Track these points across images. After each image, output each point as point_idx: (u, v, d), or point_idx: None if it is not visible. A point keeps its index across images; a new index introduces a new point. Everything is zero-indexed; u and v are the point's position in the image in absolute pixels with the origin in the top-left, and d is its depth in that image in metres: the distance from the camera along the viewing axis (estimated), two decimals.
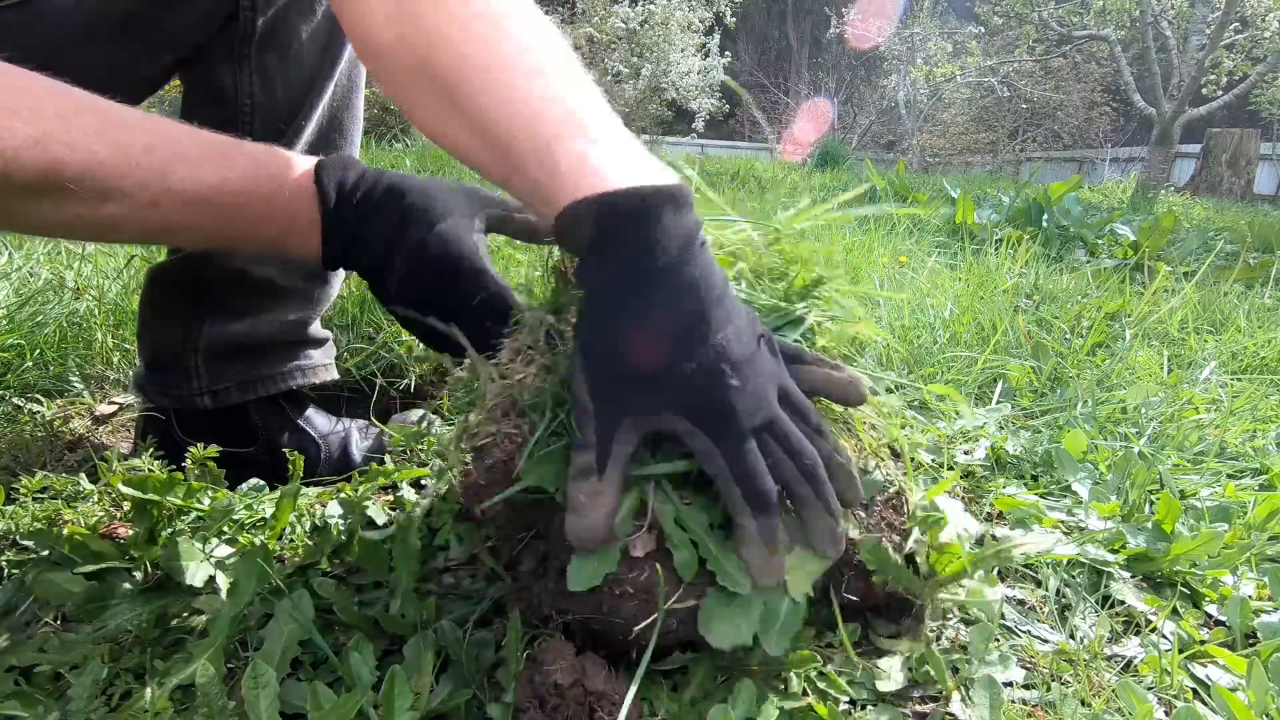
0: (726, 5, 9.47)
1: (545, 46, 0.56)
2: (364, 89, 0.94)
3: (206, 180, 0.56)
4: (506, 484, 0.53)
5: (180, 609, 0.61)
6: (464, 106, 0.55)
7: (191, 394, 0.87)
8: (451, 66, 0.56)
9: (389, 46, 0.59)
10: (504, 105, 0.54)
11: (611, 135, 0.53)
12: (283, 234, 0.63)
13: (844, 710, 0.55)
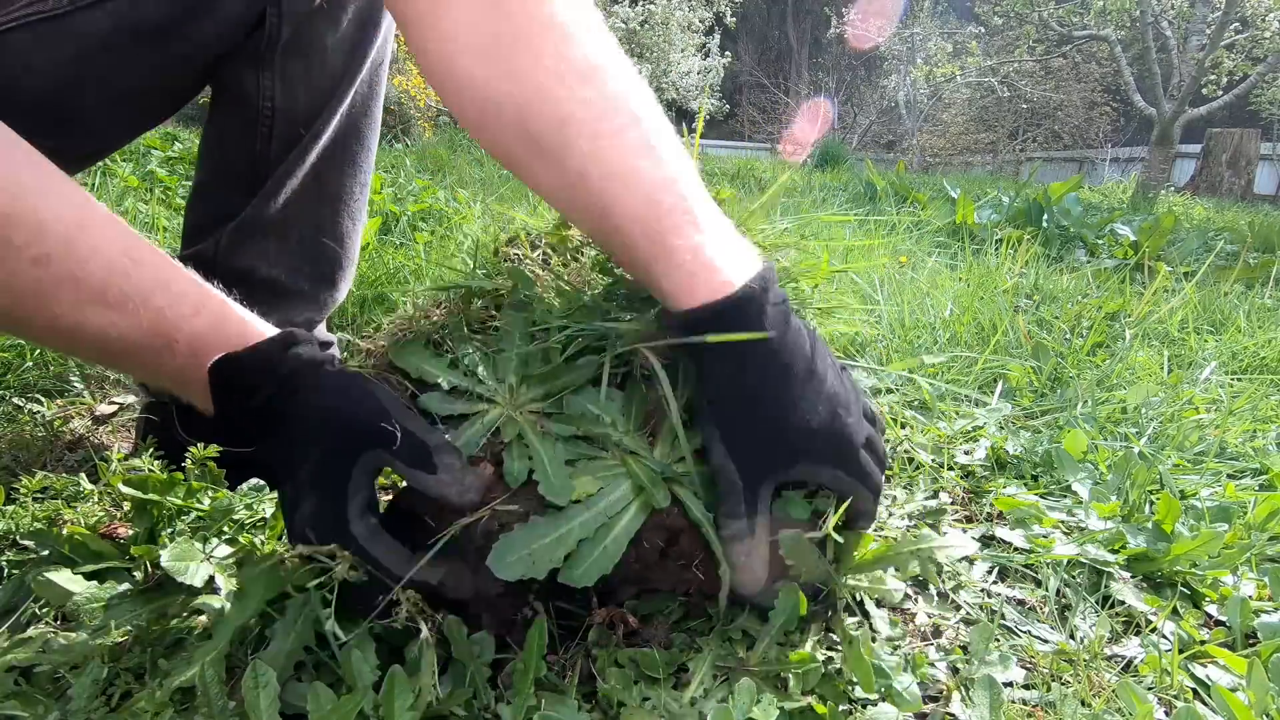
0: (726, 5, 9.47)
1: (648, 114, 0.56)
2: (383, 98, 0.94)
3: (89, 317, 0.50)
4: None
5: (180, 609, 0.61)
6: (566, 168, 0.55)
7: None
8: (552, 127, 0.54)
9: (476, 84, 0.56)
10: (613, 179, 0.54)
11: (714, 222, 0.57)
12: (175, 388, 0.57)
13: (844, 710, 0.55)
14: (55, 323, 0.50)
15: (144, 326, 0.52)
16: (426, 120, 6.26)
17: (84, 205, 0.50)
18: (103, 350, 0.53)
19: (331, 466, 0.54)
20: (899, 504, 0.84)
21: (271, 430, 0.56)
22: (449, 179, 3.45)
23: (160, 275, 0.53)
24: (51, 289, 0.48)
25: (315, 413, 0.55)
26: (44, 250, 0.47)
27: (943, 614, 0.68)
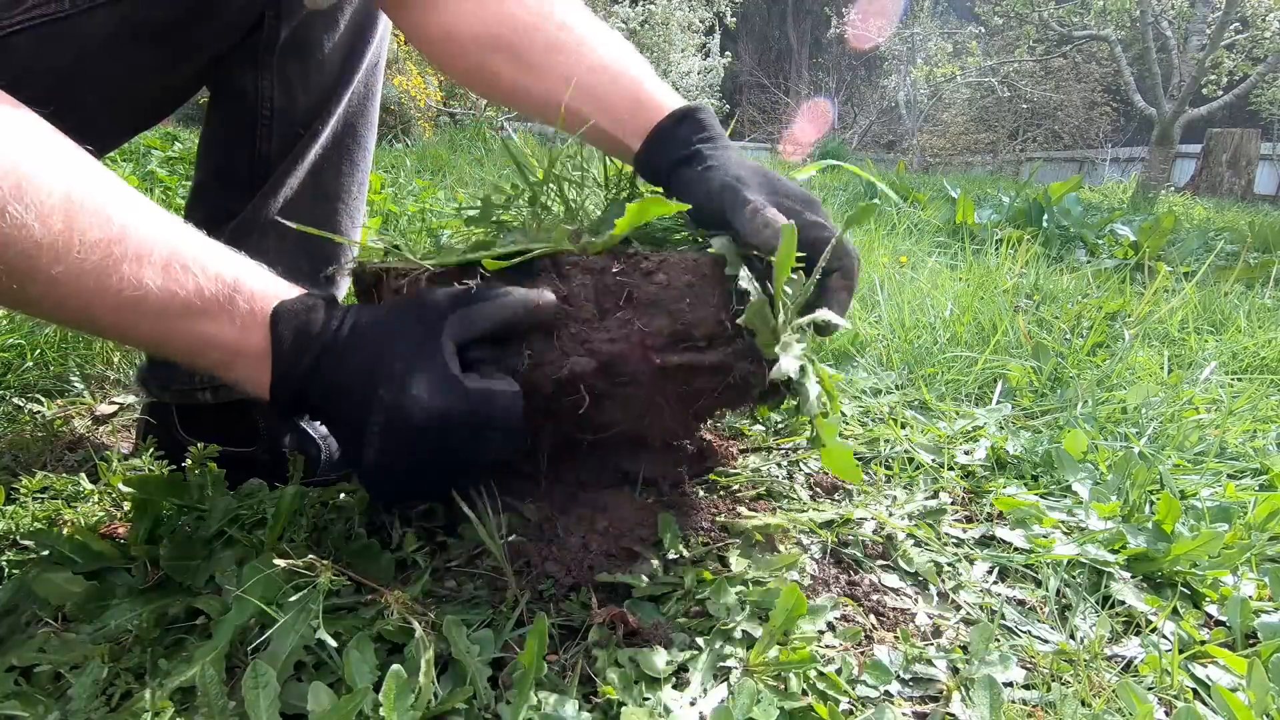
0: (726, 5, 9.47)
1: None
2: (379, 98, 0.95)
3: (147, 290, 0.51)
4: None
5: (180, 609, 0.61)
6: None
7: (193, 388, 0.87)
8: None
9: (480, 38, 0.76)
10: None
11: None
12: (225, 364, 0.57)
13: (844, 710, 0.55)
14: (119, 297, 0.51)
15: (205, 293, 0.54)
16: (426, 120, 6.26)
17: (130, 197, 0.53)
18: (150, 322, 0.53)
19: (425, 342, 0.56)
20: (899, 504, 0.84)
21: (338, 367, 0.57)
22: (449, 179, 3.45)
23: (211, 245, 0.56)
24: (115, 265, 0.50)
25: (387, 315, 0.59)
26: (105, 234, 0.50)
27: (943, 614, 0.68)
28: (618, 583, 0.65)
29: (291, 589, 0.59)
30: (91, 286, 0.50)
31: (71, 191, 0.49)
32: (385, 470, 0.56)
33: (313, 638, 0.55)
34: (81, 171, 0.50)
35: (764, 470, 0.88)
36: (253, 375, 0.58)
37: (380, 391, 0.54)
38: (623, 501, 0.76)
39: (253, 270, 0.58)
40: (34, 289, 0.49)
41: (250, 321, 0.56)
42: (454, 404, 0.54)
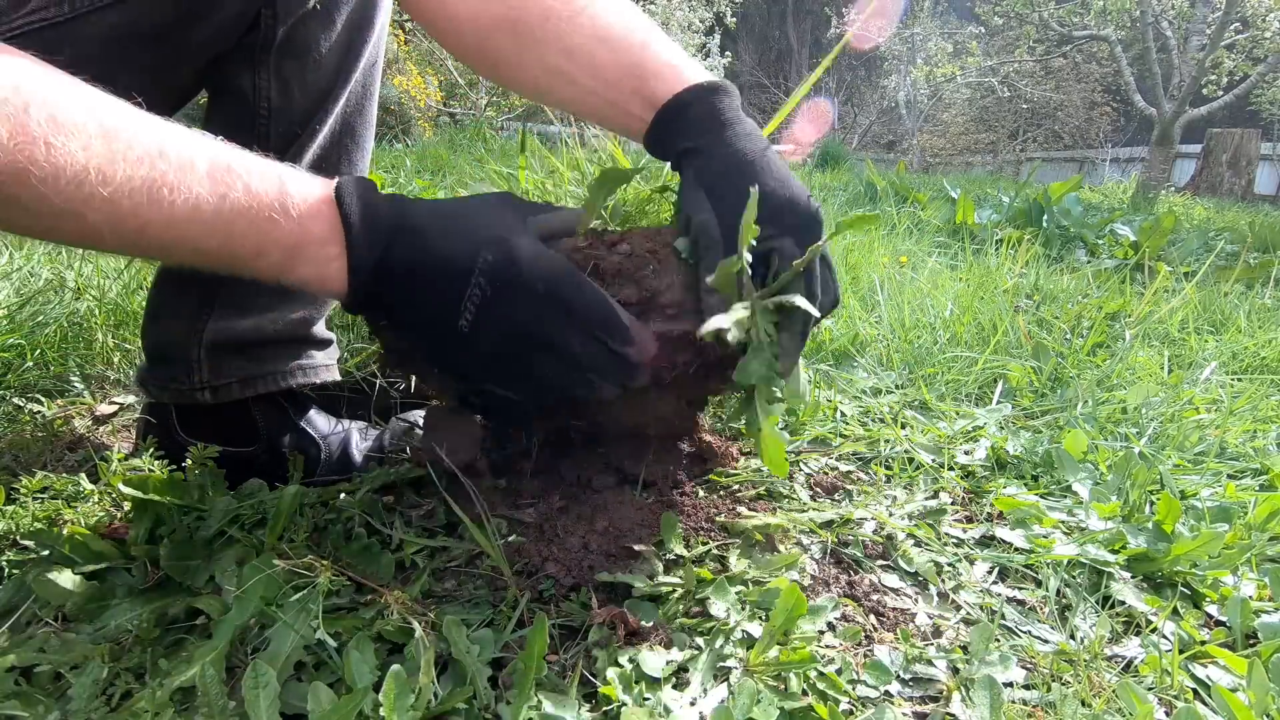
0: (726, 5, 9.47)
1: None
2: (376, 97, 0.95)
3: (199, 197, 0.53)
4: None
5: (180, 609, 0.61)
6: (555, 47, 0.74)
7: (193, 388, 0.87)
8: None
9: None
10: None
11: (679, 51, 0.75)
12: (287, 263, 0.58)
13: (844, 710, 0.55)
14: (172, 216, 0.52)
15: (255, 190, 0.54)
16: (426, 120, 6.26)
17: (163, 123, 0.54)
18: (208, 230, 0.54)
19: (519, 222, 0.60)
20: (899, 504, 0.84)
21: (425, 234, 0.58)
22: (449, 179, 3.45)
23: (248, 152, 0.56)
24: (161, 181, 0.51)
25: (466, 200, 0.62)
26: (146, 152, 0.51)
27: (943, 614, 0.68)
28: (618, 583, 0.65)
29: (291, 589, 0.59)
30: (144, 202, 0.51)
31: (103, 117, 0.50)
32: (477, 345, 0.58)
33: (313, 638, 0.55)
34: (102, 99, 0.51)
35: (764, 470, 0.88)
36: (318, 269, 0.58)
37: (483, 254, 0.57)
38: (623, 501, 0.76)
39: (294, 170, 0.58)
40: (91, 215, 0.50)
41: (308, 211, 0.56)
42: (559, 267, 0.59)
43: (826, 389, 1.17)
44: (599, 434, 0.77)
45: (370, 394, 1.19)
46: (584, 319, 0.60)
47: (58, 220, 0.50)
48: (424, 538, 0.72)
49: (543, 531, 0.71)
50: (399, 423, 1.02)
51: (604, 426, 0.76)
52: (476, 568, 0.68)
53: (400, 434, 0.97)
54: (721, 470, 0.86)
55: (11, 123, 0.46)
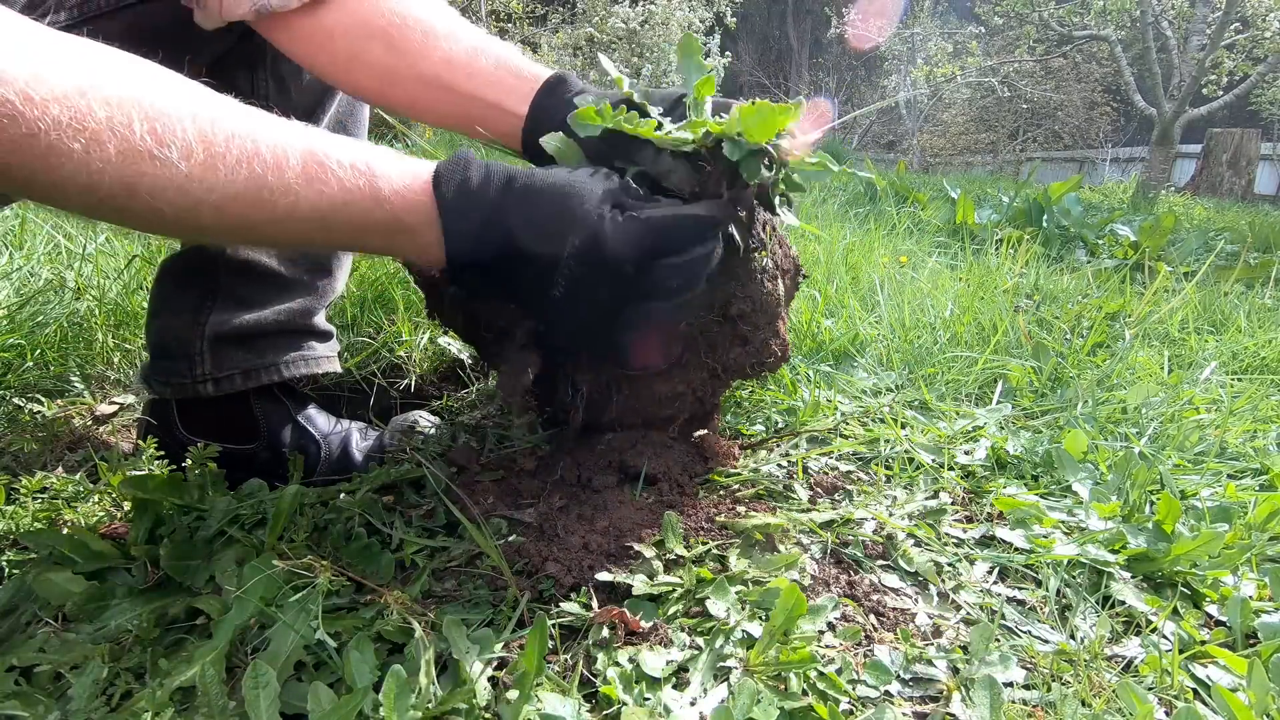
0: (727, 5, 9.47)
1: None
2: None
3: (297, 194, 0.56)
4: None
5: (180, 609, 0.61)
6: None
7: (195, 381, 0.88)
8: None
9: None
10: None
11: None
12: (387, 246, 0.64)
13: (844, 710, 0.55)
14: (274, 213, 0.55)
15: (348, 187, 0.58)
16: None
17: (250, 110, 0.56)
18: (322, 222, 0.58)
19: (600, 200, 0.63)
20: (899, 504, 0.84)
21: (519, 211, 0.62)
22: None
23: (342, 145, 0.59)
24: (260, 182, 0.54)
25: (554, 173, 0.64)
26: (243, 153, 0.53)
27: (943, 614, 0.68)
28: (618, 583, 0.65)
29: (291, 589, 0.59)
30: (248, 204, 0.54)
31: (198, 119, 0.52)
32: (570, 307, 0.64)
33: (313, 638, 0.55)
34: (193, 97, 0.53)
35: (764, 470, 0.88)
36: (416, 250, 0.64)
37: (571, 239, 0.61)
38: (623, 501, 0.76)
39: (380, 152, 0.62)
40: (198, 218, 0.53)
41: (401, 205, 0.60)
42: (641, 239, 0.63)
43: (826, 389, 1.17)
44: (639, 404, 0.82)
45: (370, 393, 1.19)
46: (670, 266, 0.65)
47: (168, 223, 0.53)
48: (424, 538, 0.72)
49: (543, 531, 0.71)
50: (399, 423, 1.02)
51: (645, 395, 0.81)
52: (476, 568, 0.68)
53: (400, 434, 0.97)
54: (721, 470, 0.86)
55: (118, 138, 0.48)
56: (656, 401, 0.82)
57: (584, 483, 0.80)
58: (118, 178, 0.48)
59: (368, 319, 1.34)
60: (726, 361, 0.82)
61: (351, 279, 1.39)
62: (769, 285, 0.82)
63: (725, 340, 0.81)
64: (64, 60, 0.47)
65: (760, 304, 0.82)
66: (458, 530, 0.73)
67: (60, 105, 0.45)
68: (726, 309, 0.80)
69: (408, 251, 0.65)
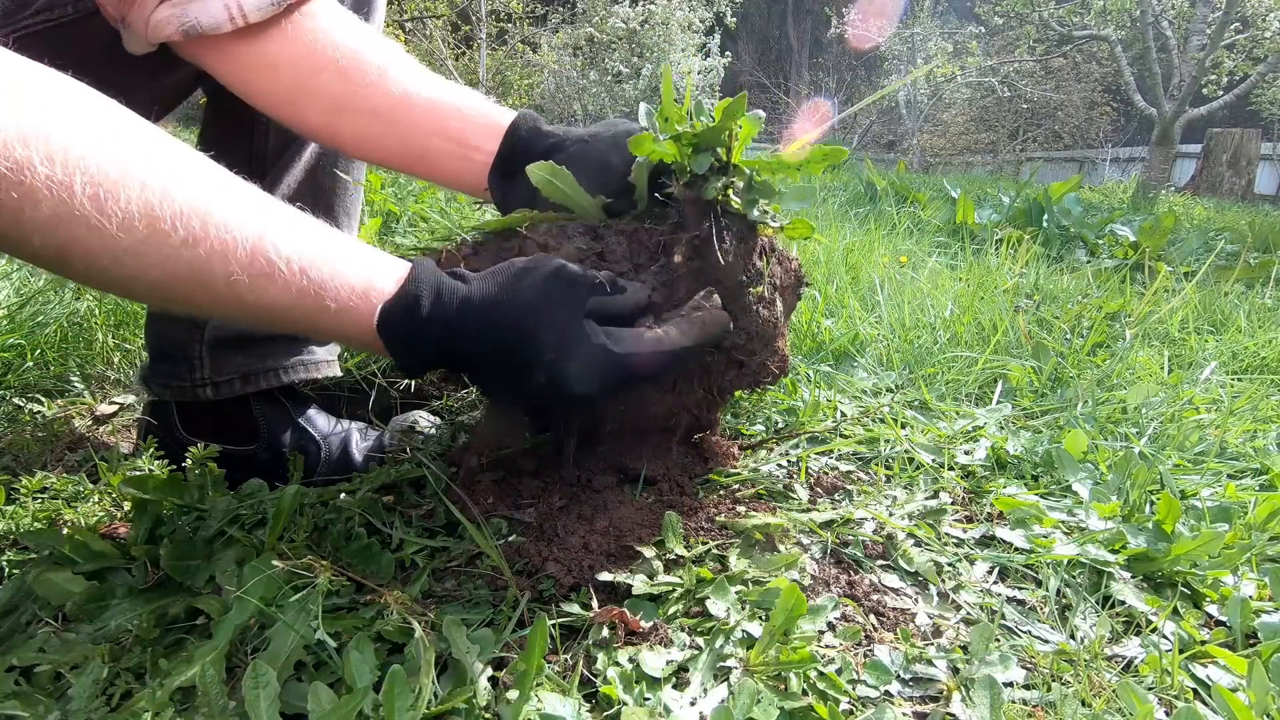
0: (727, 5, 9.46)
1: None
2: None
3: (239, 287, 0.53)
4: None
5: (180, 609, 0.61)
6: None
7: (194, 384, 0.88)
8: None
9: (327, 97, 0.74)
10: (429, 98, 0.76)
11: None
12: (338, 343, 0.63)
13: (844, 710, 0.55)
14: (215, 298, 0.53)
15: (293, 291, 0.54)
16: None
17: (210, 180, 0.53)
18: (263, 317, 0.56)
19: (571, 324, 0.60)
20: (899, 504, 0.84)
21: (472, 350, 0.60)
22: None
23: (297, 238, 0.55)
24: (204, 268, 0.51)
25: (514, 293, 0.60)
26: (189, 234, 0.50)
27: (943, 614, 0.68)
28: (618, 583, 0.65)
29: (291, 589, 0.59)
30: (190, 286, 0.51)
31: (147, 188, 0.48)
32: (544, 395, 0.62)
33: (313, 638, 0.55)
34: (151, 160, 0.49)
35: (764, 470, 0.88)
36: (370, 349, 0.62)
37: (546, 354, 0.59)
38: (623, 501, 0.76)
39: (336, 248, 0.58)
40: (138, 289, 0.51)
41: (346, 318, 0.57)
42: (613, 365, 0.61)
43: (826, 389, 1.17)
44: (635, 421, 0.82)
45: (370, 394, 1.19)
46: (641, 384, 0.67)
47: (107, 287, 0.52)
48: (424, 538, 0.72)
49: (543, 531, 0.71)
50: (399, 423, 1.02)
51: (640, 414, 0.80)
52: (476, 568, 0.68)
53: (400, 434, 0.97)
54: (721, 470, 0.86)
55: (54, 199, 0.44)
56: (652, 419, 0.81)
57: (584, 483, 0.80)
58: (51, 239, 0.45)
59: None
60: (722, 384, 0.81)
61: None
62: (765, 312, 0.80)
63: (720, 367, 0.79)
64: (13, 99, 0.44)
65: (756, 333, 0.79)
66: (458, 530, 0.73)
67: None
68: (720, 342, 0.77)
69: (359, 347, 0.64)
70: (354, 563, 0.67)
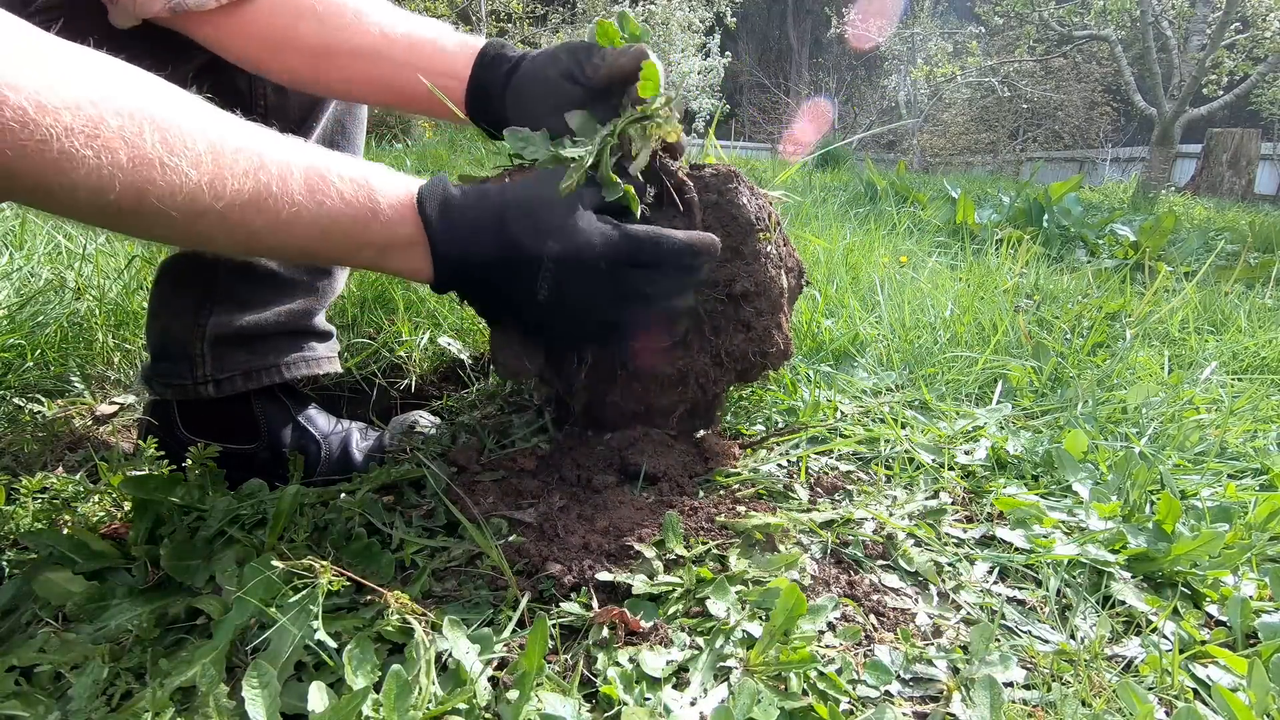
0: (727, 5, 9.47)
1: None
2: None
3: (300, 205, 0.58)
4: None
5: (180, 609, 0.61)
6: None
7: (196, 382, 0.88)
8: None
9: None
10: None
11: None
12: (380, 254, 0.65)
13: (845, 710, 0.55)
14: (277, 222, 0.57)
15: (348, 199, 0.60)
16: (427, 121, 6.26)
17: (255, 127, 0.58)
18: (317, 236, 0.60)
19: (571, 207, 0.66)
20: (899, 504, 0.84)
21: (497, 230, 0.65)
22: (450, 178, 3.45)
23: (343, 162, 0.62)
24: (266, 192, 0.56)
25: (526, 189, 0.67)
26: (250, 165, 0.55)
27: (943, 614, 0.68)
28: (618, 583, 0.65)
29: (291, 589, 0.59)
30: (252, 213, 0.56)
31: (208, 132, 0.53)
32: (554, 308, 0.67)
33: (313, 638, 0.55)
34: (203, 112, 0.55)
35: (764, 470, 0.88)
36: (408, 264, 0.66)
37: (550, 243, 0.64)
38: (623, 501, 0.76)
39: (377, 169, 0.65)
40: (204, 225, 0.55)
41: (392, 216, 0.63)
42: (615, 243, 0.66)
43: (827, 389, 1.17)
44: (640, 382, 0.83)
45: (370, 393, 1.19)
46: (649, 269, 0.68)
47: (174, 230, 0.55)
48: (424, 538, 0.72)
49: (543, 531, 0.71)
50: (399, 423, 1.02)
51: (650, 368, 0.82)
52: (476, 568, 0.68)
53: (400, 434, 0.97)
54: (721, 470, 0.86)
55: (130, 146, 0.49)
56: (660, 384, 0.82)
57: (584, 482, 0.80)
58: (129, 184, 0.49)
59: (368, 319, 1.34)
60: (730, 347, 0.83)
61: (352, 279, 1.39)
62: (773, 271, 0.83)
63: (728, 323, 0.82)
64: (75, 69, 0.48)
65: (764, 286, 0.82)
66: (458, 530, 0.73)
67: (72, 113, 0.46)
68: (731, 287, 0.81)
69: (397, 266, 0.67)
70: (354, 563, 0.67)
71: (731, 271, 0.81)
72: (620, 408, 0.84)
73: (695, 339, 0.82)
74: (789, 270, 0.88)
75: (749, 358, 0.84)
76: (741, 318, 0.83)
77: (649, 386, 0.83)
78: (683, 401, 0.85)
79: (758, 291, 0.82)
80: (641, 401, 0.84)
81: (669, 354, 0.81)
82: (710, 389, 0.86)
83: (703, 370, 0.83)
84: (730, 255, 0.81)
